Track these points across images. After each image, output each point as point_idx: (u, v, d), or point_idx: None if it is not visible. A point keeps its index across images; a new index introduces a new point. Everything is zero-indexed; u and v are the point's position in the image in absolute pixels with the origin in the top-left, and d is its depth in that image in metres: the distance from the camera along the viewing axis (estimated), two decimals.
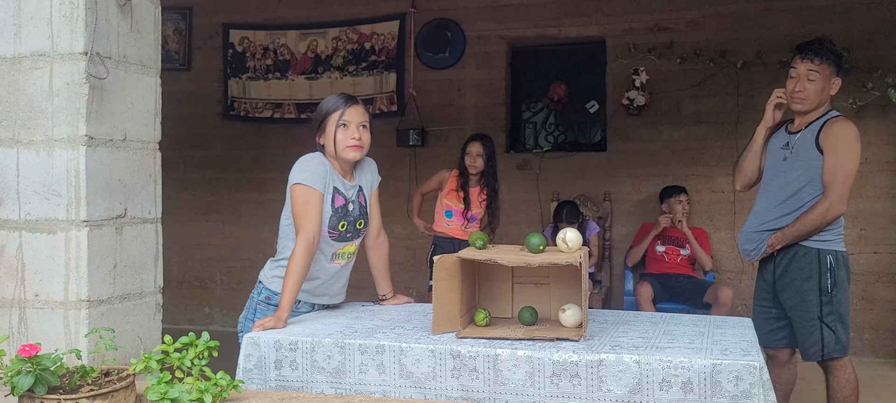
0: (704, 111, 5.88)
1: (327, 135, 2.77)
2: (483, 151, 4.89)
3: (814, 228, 3.29)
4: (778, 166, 3.45)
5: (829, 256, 3.32)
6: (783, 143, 3.46)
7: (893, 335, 5.58)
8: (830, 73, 3.35)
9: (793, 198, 3.35)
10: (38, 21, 2.31)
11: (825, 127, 3.32)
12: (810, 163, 3.31)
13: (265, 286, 2.82)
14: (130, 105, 2.47)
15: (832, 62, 3.35)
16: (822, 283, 3.31)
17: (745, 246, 3.53)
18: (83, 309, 2.29)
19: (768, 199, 3.45)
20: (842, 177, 3.26)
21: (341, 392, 2.33)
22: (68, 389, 1.88)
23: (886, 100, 5.27)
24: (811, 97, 3.35)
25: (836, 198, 3.24)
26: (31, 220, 2.34)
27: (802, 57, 3.37)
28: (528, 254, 2.46)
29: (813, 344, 3.34)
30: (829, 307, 3.31)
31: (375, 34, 6.52)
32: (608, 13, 6.04)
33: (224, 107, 6.91)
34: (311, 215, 2.65)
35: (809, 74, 3.34)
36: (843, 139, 3.28)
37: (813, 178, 3.30)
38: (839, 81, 3.39)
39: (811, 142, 3.33)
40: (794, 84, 3.38)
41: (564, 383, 2.15)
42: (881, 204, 5.55)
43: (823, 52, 3.34)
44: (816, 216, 3.27)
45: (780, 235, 3.35)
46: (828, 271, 3.31)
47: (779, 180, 3.43)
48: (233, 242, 6.94)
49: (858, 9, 5.53)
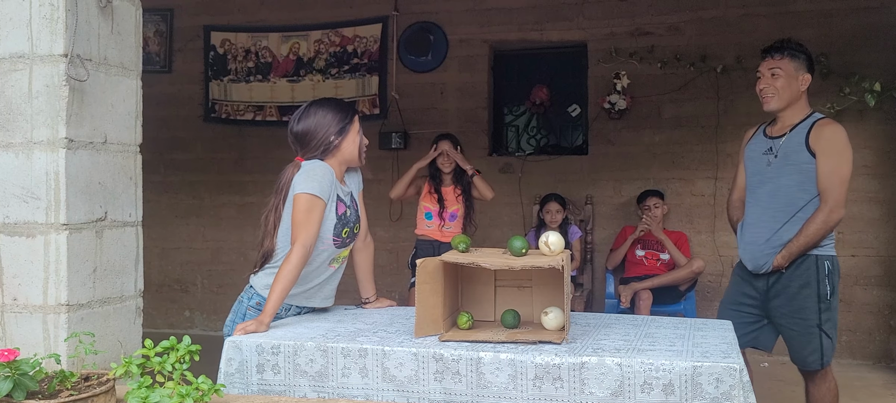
0: (685, 115, 5.92)
1: (350, 138, 2.83)
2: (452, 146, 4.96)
3: (819, 237, 3.24)
4: (763, 172, 3.39)
5: (827, 262, 3.28)
6: (765, 148, 3.41)
7: (871, 337, 5.65)
8: (795, 69, 3.32)
9: (787, 205, 3.29)
10: (18, 22, 2.30)
11: (815, 129, 3.28)
12: (802, 166, 3.26)
13: (256, 292, 2.78)
14: (111, 107, 2.46)
15: (796, 58, 3.32)
16: (821, 290, 3.26)
17: (750, 264, 3.42)
18: (62, 313, 2.28)
19: (761, 210, 3.38)
20: (838, 180, 3.23)
21: (324, 395, 2.32)
22: (47, 394, 1.87)
23: (864, 105, 5.34)
24: (779, 93, 3.31)
25: (835, 203, 3.21)
26: (9, 224, 2.32)
27: (764, 57, 3.39)
28: (511, 257, 2.46)
29: (812, 353, 3.28)
30: (827, 314, 3.26)
31: (358, 37, 6.51)
32: (590, 17, 6.08)
33: (205, 109, 6.87)
34: (311, 224, 2.64)
35: (773, 71, 3.32)
36: (836, 142, 3.25)
37: (804, 181, 3.26)
38: (809, 78, 3.35)
39: (800, 144, 3.28)
40: (759, 83, 3.38)
41: (547, 386, 2.16)
42: (859, 207, 5.61)
43: (784, 48, 3.33)
44: (819, 224, 3.21)
45: (787, 253, 3.26)
46: (826, 277, 3.26)
47: (766, 187, 3.37)
48: (213, 245, 6.90)
49: (836, 14, 5.60)
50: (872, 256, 5.64)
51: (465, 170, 4.96)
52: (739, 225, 3.53)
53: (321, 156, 2.78)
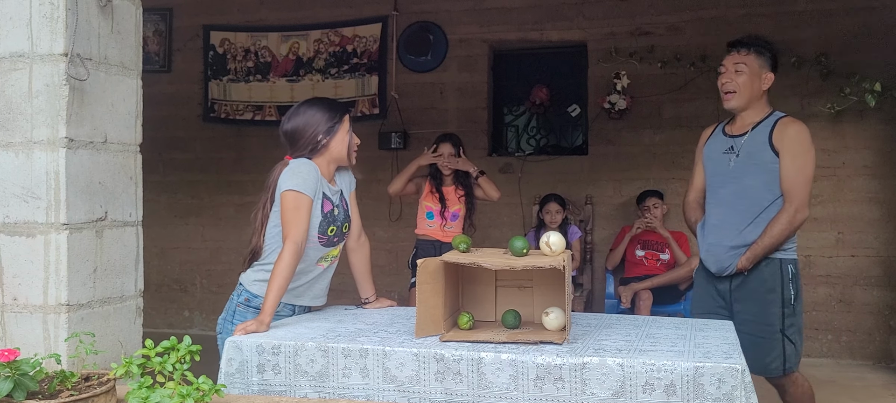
0: (685, 115, 5.92)
1: (339, 137, 2.82)
2: (453, 151, 4.93)
3: (784, 239, 3.18)
4: (725, 172, 3.31)
5: (790, 265, 3.22)
6: (726, 147, 3.33)
7: (871, 337, 5.65)
8: (759, 66, 3.26)
9: (751, 205, 3.23)
10: (18, 21, 2.29)
11: (778, 127, 3.21)
12: (766, 165, 3.19)
13: (246, 288, 2.81)
14: (111, 107, 2.45)
15: (761, 55, 3.26)
16: (785, 294, 3.20)
17: (713, 267, 3.34)
18: (63, 313, 2.27)
19: (724, 211, 3.31)
20: (803, 179, 3.17)
21: (324, 396, 2.31)
22: (48, 394, 1.86)
23: (864, 105, 5.33)
24: (741, 90, 3.25)
25: (800, 203, 3.15)
26: (9, 223, 2.31)
27: (729, 51, 3.32)
28: (512, 258, 2.46)
29: (774, 359, 3.21)
30: (791, 319, 3.20)
31: (357, 37, 6.51)
32: (590, 17, 6.07)
33: (204, 109, 6.86)
34: (300, 221, 2.65)
35: (736, 66, 3.26)
36: (800, 141, 3.19)
37: (769, 181, 3.20)
38: (772, 77, 3.29)
39: (764, 143, 3.21)
40: (722, 78, 3.31)
41: (548, 386, 2.15)
42: (859, 207, 5.61)
43: (749, 43, 3.27)
44: (784, 225, 3.15)
45: (751, 255, 3.20)
46: (790, 281, 3.20)
47: (729, 188, 3.29)
48: (213, 245, 6.90)
49: (837, 14, 5.60)
50: (872, 257, 5.64)
51: (469, 171, 4.93)
52: (699, 226, 3.46)
53: (309, 154, 2.80)
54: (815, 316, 5.71)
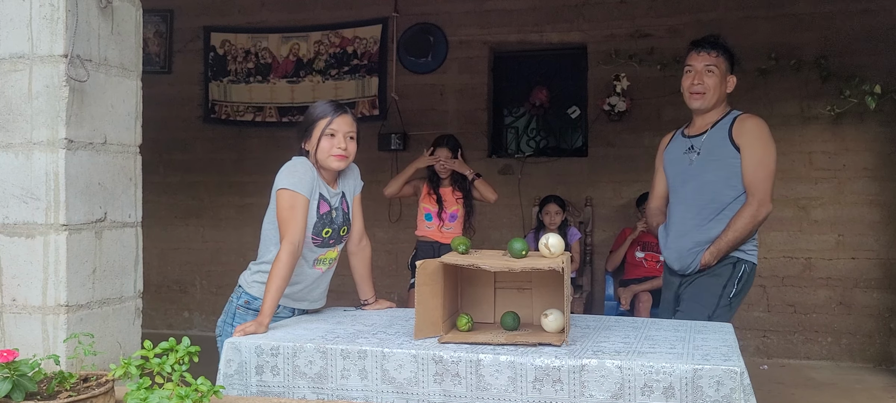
0: (684, 117, 5.79)
1: (313, 141, 2.74)
2: (450, 154, 4.93)
3: (748, 234, 3.16)
4: (686, 171, 3.29)
5: (745, 266, 3.19)
6: (685, 148, 3.32)
7: (871, 339, 5.65)
8: (726, 69, 3.26)
9: (711, 201, 3.20)
10: (18, 23, 2.29)
11: (737, 123, 3.20)
12: (726, 160, 3.17)
13: (245, 290, 2.81)
14: (111, 108, 2.45)
15: (728, 58, 3.26)
16: (727, 288, 3.16)
17: (676, 264, 3.32)
18: (62, 313, 2.27)
19: (685, 208, 3.29)
20: (764, 173, 3.15)
21: (323, 397, 2.31)
22: (46, 395, 1.86)
23: (864, 108, 5.33)
24: (710, 92, 3.24)
25: (763, 197, 3.13)
26: (8, 224, 2.31)
27: (698, 50, 3.27)
28: (511, 259, 2.46)
29: None
30: (722, 310, 3.14)
31: (358, 38, 6.51)
32: (589, 19, 6.08)
33: (205, 110, 6.87)
34: (296, 220, 2.63)
35: (707, 68, 3.24)
36: (760, 135, 3.17)
37: (730, 177, 3.17)
38: (734, 80, 3.29)
39: (724, 139, 3.19)
40: (691, 78, 3.27)
41: (547, 388, 2.15)
42: (859, 210, 5.61)
43: (719, 45, 3.25)
44: (747, 219, 3.13)
45: (715, 250, 3.17)
46: (737, 280, 3.17)
47: (690, 185, 3.27)
48: (213, 246, 6.90)
49: (836, 17, 5.60)
50: (872, 259, 5.63)
51: (466, 174, 4.94)
52: (661, 228, 3.45)
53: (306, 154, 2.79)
54: (815, 319, 5.71)
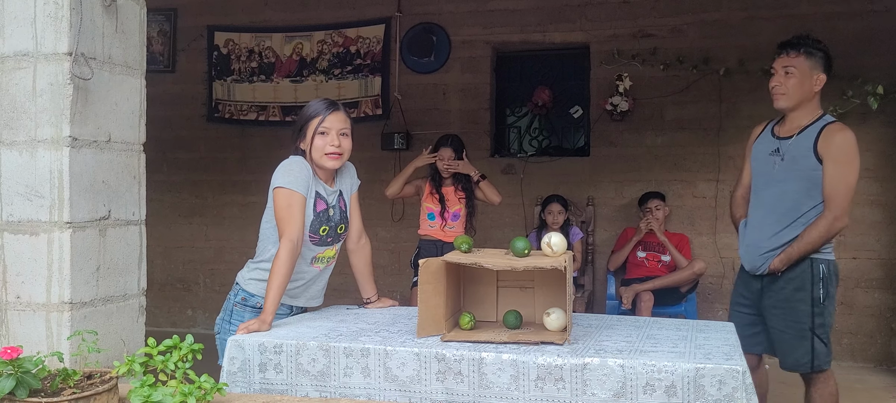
0: (687, 117, 5.92)
1: (306, 140, 2.74)
2: (453, 155, 4.93)
3: (820, 244, 3.19)
4: (769, 174, 3.33)
5: (822, 266, 3.23)
6: (772, 149, 3.34)
7: (872, 340, 5.64)
8: (810, 68, 3.24)
9: (790, 209, 3.24)
10: (22, 21, 2.30)
11: (824, 134, 3.20)
12: (808, 172, 3.20)
13: (242, 287, 2.81)
14: (115, 106, 2.46)
15: (812, 56, 3.24)
16: (815, 294, 3.21)
17: (747, 264, 3.40)
18: (65, 311, 2.28)
19: (764, 212, 3.34)
20: (844, 188, 3.17)
21: (326, 395, 2.32)
22: (50, 392, 1.87)
23: (866, 108, 5.33)
24: (791, 92, 3.24)
25: (840, 212, 3.15)
26: (13, 222, 2.32)
27: (779, 53, 3.30)
28: (513, 258, 2.47)
29: (803, 356, 3.23)
30: (820, 318, 3.21)
31: (361, 38, 6.52)
32: (592, 19, 6.08)
33: (208, 109, 6.88)
34: (294, 218, 2.64)
35: (786, 69, 3.25)
36: (845, 150, 3.17)
37: (810, 188, 3.20)
38: (824, 78, 3.26)
39: (808, 149, 3.21)
40: (773, 80, 3.30)
41: (549, 386, 2.16)
42: (860, 210, 5.60)
43: (799, 45, 3.25)
44: (821, 231, 3.16)
45: (785, 257, 3.22)
46: (820, 281, 3.21)
47: (772, 190, 3.31)
48: (216, 244, 6.91)
49: (839, 18, 5.59)
50: (874, 259, 5.63)
51: (470, 175, 4.93)
52: (741, 224, 3.50)
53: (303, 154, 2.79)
54: None
